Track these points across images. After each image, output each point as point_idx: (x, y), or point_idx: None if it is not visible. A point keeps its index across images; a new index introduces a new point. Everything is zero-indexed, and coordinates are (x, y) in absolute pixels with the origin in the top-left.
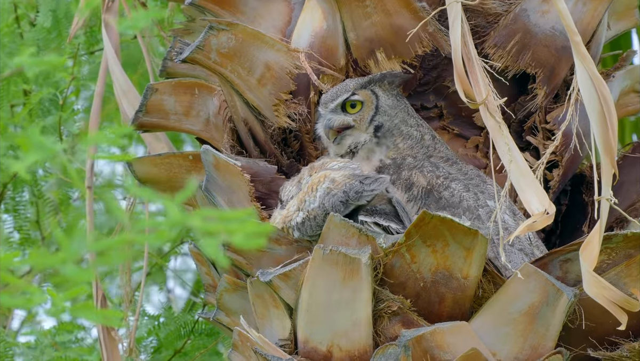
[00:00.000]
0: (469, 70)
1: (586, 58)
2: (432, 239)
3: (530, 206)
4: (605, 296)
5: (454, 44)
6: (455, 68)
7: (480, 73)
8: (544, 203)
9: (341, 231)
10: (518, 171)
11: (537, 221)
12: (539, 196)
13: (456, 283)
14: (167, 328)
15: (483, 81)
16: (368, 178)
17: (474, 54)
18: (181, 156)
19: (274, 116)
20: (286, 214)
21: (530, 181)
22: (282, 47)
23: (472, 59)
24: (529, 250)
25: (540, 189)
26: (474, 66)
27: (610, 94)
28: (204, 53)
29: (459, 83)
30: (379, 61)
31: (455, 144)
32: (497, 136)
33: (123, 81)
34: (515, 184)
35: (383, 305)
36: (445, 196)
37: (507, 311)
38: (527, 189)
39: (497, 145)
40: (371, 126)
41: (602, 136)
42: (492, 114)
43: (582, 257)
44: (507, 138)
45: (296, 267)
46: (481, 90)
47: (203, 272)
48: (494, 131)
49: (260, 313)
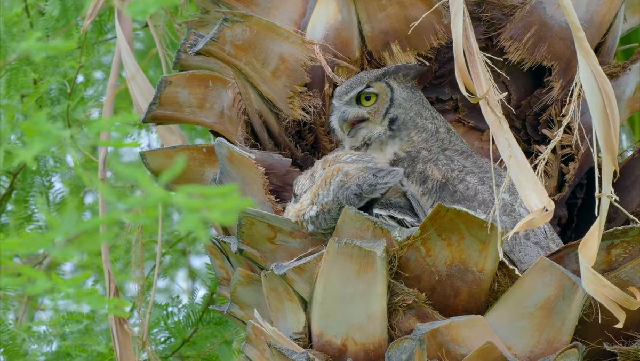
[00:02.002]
0: (470, 64)
1: (589, 54)
2: (447, 232)
3: (530, 203)
4: (604, 293)
5: (455, 38)
6: (457, 62)
7: (482, 67)
8: (543, 200)
9: (356, 224)
10: (518, 166)
11: (536, 218)
12: (538, 192)
13: (471, 277)
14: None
15: (484, 75)
16: (381, 171)
17: (476, 48)
18: (195, 148)
19: (288, 109)
20: (300, 208)
21: (529, 177)
22: (297, 40)
23: (473, 53)
24: (544, 243)
25: (540, 186)
26: (475, 60)
27: (612, 91)
28: (219, 45)
29: (460, 77)
30: (394, 53)
31: (471, 137)
32: (497, 131)
33: (136, 72)
34: (515, 180)
35: (398, 298)
36: (460, 190)
37: (522, 305)
38: (527, 185)
39: (497, 140)
40: (386, 119)
41: (604, 133)
42: (492, 109)
43: (581, 254)
44: (507, 133)
45: (311, 260)
46: (482, 84)
47: (217, 265)
48: (494, 126)
49: (275, 307)
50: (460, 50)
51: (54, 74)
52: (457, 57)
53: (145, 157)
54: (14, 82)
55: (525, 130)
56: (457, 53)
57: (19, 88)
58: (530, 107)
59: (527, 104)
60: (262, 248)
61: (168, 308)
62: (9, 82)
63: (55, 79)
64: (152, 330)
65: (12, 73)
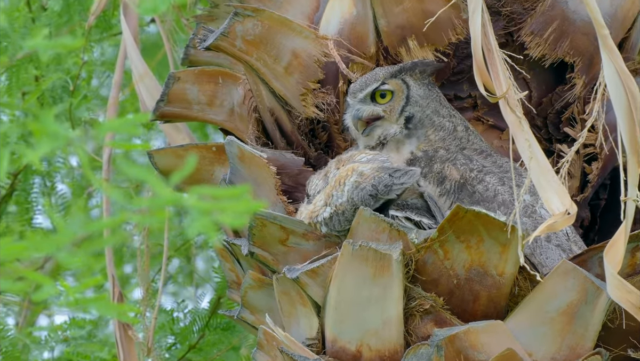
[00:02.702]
0: (489, 62)
1: (614, 52)
2: (466, 234)
3: (551, 205)
4: (630, 300)
5: (473, 35)
6: (475, 60)
7: (501, 65)
8: (565, 203)
9: (371, 226)
10: (538, 168)
11: (558, 222)
12: (560, 195)
13: (491, 280)
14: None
15: (503, 73)
16: (398, 171)
17: (495, 45)
18: (204, 147)
19: (301, 106)
20: (313, 209)
21: (551, 179)
22: (310, 34)
23: (492, 51)
24: (566, 246)
25: (562, 188)
26: (494, 58)
27: (638, 89)
28: (229, 40)
29: (479, 76)
30: (410, 48)
31: (490, 135)
32: (517, 131)
33: (142, 68)
34: (536, 181)
35: (415, 303)
36: (479, 190)
37: (544, 309)
38: (548, 187)
39: (517, 141)
40: (402, 117)
41: (629, 133)
42: (512, 109)
43: (607, 259)
44: (527, 134)
45: (324, 263)
46: (501, 83)
47: (227, 268)
48: (514, 126)
49: (287, 311)
50: (479, 48)
51: (56, 71)
52: (475, 55)
53: (152, 156)
54: (15, 79)
55: (546, 128)
56: (476, 51)
57: (21, 85)
58: (552, 105)
59: (549, 101)
60: (273, 251)
61: (174, 313)
62: (11, 80)
63: (58, 76)
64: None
65: (14, 70)
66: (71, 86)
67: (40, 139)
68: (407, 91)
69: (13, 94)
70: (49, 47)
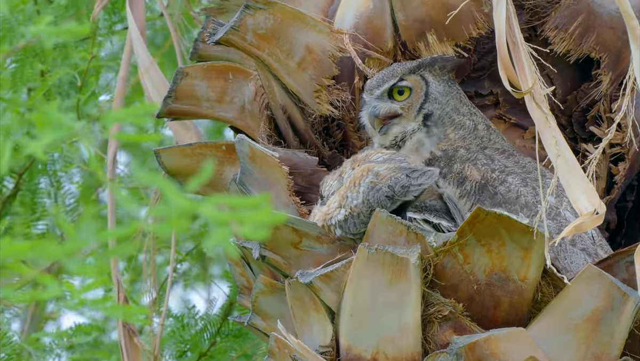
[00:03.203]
0: (514, 56)
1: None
2: (487, 238)
3: (579, 205)
4: None
5: (497, 28)
6: (499, 54)
7: (527, 59)
8: (593, 202)
9: (388, 229)
10: (566, 166)
11: (586, 222)
12: (588, 194)
13: (513, 286)
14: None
15: (529, 68)
16: (415, 171)
17: (520, 38)
18: (213, 146)
19: (315, 103)
20: (327, 211)
21: (579, 178)
22: (325, 28)
23: (517, 44)
24: (592, 250)
25: (590, 187)
26: (519, 52)
27: None
28: (240, 34)
29: (503, 70)
30: (429, 43)
31: (513, 134)
32: (543, 128)
33: (149, 63)
34: (563, 181)
35: (433, 309)
36: (501, 192)
37: (568, 316)
38: (576, 186)
39: (543, 138)
40: (420, 115)
41: None
42: (538, 105)
43: (638, 261)
44: (554, 131)
45: (339, 267)
46: (527, 78)
47: (237, 273)
48: (540, 122)
49: (300, 318)
50: (503, 41)
51: (63, 66)
52: (499, 49)
53: (159, 155)
54: (19, 74)
55: (571, 127)
56: (500, 44)
57: (25, 81)
58: (577, 103)
59: (574, 99)
60: (286, 254)
61: (184, 320)
62: (15, 75)
63: (65, 70)
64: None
65: (18, 64)
66: (79, 82)
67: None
68: (426, 87)
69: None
70: (53, 34)
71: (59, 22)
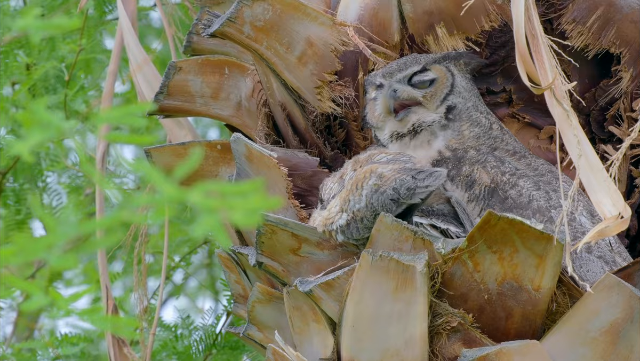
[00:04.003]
0: (533, 49)
1: None
2: (498, 244)
3: (602, 209)
4: None
5: (515, 19)
6: (517, 47)
7: (547, 53)
8: (618, 205)
9: (393, 234)
10: (589, 167)
11: (610, 226)
12: (612, 197)
13: (526, 296)
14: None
15: (549, 62)
16: (422, 173)
17: (540, 30)
18: (208, 145)
19: (316, 100)
20: (327, 216)
21: (602, 180)
22: (327, 21)
23: (537, 37)
24: (609, 258)
25: (614, 189)
26: (539, 45)
27: None
28: (236, 26)
29: (521, 65)
30: (438, 36)
31: (526, 134)
32: (564, 126)
33: (140, 57)
34: (585, 182)
35: (441, 320)
36: (512, 196)
37: (585, 329)
38: (599, 188)
39: (564, 137)
40: (443, 106)
41: None
42: (559, 101)
43: None
44: (576, 129)
45: (340, 275)
46: (547, 73)
47: (232, 280)
48: (561, 120)
49: (299, 328)
50: (522, 33)
51: (49, 59)
52: (518, 42)
53: (150, 155)
54: (3, 67)
55: (589, 127)
56: (518, 36)
57: (10, 74)
58: (595, 101)
59: (592, 97)
60: (284, 261)
61: (177, 330)
62: None
63: (52, 64)
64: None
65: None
66: (66, 76)
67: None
68: (452, 79)
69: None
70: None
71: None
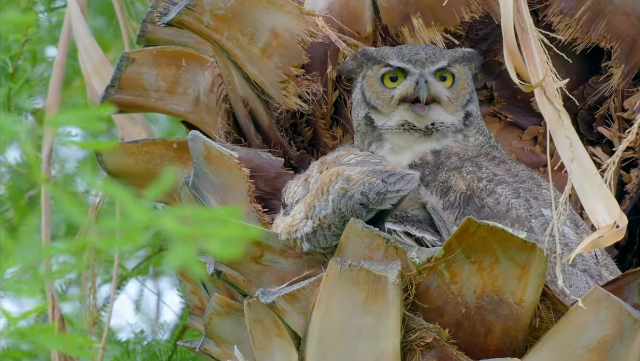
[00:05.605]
0: (522, 43)
1: None
2: (477, 253)
3: (596, 217)
4: None
5: (504, 11)
6: (505, 41)
7: (537, 48)
8: (613, 214)
9: (363, 242)
10: (582, 172)
11: (605, 236)
12: (607, 204)
13: (507, 310)
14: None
15: (540, 57)
16: (392, 175)
17: (530, 24)
18: (163, 143)
19: (281, 96)
20: (291, 223)
21: (596, 185)
22: (294, 10)
23: (526, 30)
24: (595, 271)
25: (609, 196)
26: (529, 39)
27: None
28: (195, 15)
29: (510, 60)
30: (415, 28)
31: (509, 135)
32: (556, 127)
33: (90, 46)
34: (578, 188)
35: (414, 336)
36: (489, 204)
37: (570, 346)
38: (593, 195)
39: (555, 139)
40: (462, 111)
41: None
42: (550, 100)
43: None
44: (568, 130)
45: (306, 286)
46: (537, 69)
47: (188, 290)
48: (552, 120)
49: (260, 343)
50: (511, 26)
51: None
52: (506, 35)
53: (100, 154)
54: None
55: (576, 127)
56: (506, 30)
57: None
58: (584, 99)
59: (580, 95)
60: (245, 270)
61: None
62: None
63: None
64: None
65: None
66: (10, 68)
67: None
68: (471, 84)
69: None
70: None
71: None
